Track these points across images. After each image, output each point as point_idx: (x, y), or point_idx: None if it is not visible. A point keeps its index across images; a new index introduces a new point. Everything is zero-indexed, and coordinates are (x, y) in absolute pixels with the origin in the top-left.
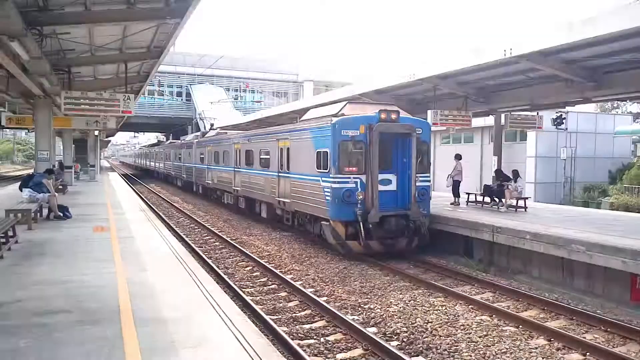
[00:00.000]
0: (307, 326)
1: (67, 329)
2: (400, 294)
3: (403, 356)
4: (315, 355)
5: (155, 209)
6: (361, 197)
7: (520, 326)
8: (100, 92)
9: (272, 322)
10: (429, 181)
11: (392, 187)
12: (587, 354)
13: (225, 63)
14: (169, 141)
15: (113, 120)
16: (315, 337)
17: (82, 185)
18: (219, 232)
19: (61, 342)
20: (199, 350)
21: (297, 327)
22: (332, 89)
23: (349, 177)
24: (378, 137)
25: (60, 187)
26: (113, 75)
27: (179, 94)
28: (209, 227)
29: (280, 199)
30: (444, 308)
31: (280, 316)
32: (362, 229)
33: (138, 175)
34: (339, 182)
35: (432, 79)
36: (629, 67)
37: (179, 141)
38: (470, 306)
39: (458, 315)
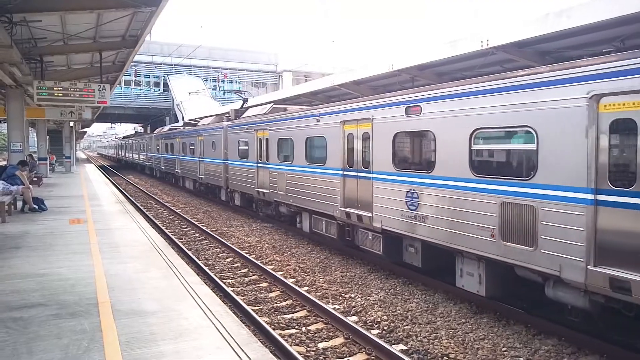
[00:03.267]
0: (289, 316)
1: (44, 323)
2: (381, 283)
3: (384, 344)
4: (297, 345)
5: (134, 201)
6: None
7: (498, 312)
8: (74, 81)
9: (253, 313)
10: None
11: None
12: (563, 338)
13: (203, 53)
14: (167, 127)
15: (89, 110)
16: (296, 326)
17: (58, 177)
18: (199, 223)
19: (38, 336)
20: (180, 342)
21: (278, 317)
22: (312, 79)
23: None
24: None
25: (35, 179)
26: (87, 64)
27: (156, 84)
28: (189, 218)
29: (604, 270)
30: (423, 296)
31: (261, 307)
32: None
33: (118, 168)
34: None
35: (411, 69)
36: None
37: (183, 126)
38: (449, 294)
39: (437, 304)
